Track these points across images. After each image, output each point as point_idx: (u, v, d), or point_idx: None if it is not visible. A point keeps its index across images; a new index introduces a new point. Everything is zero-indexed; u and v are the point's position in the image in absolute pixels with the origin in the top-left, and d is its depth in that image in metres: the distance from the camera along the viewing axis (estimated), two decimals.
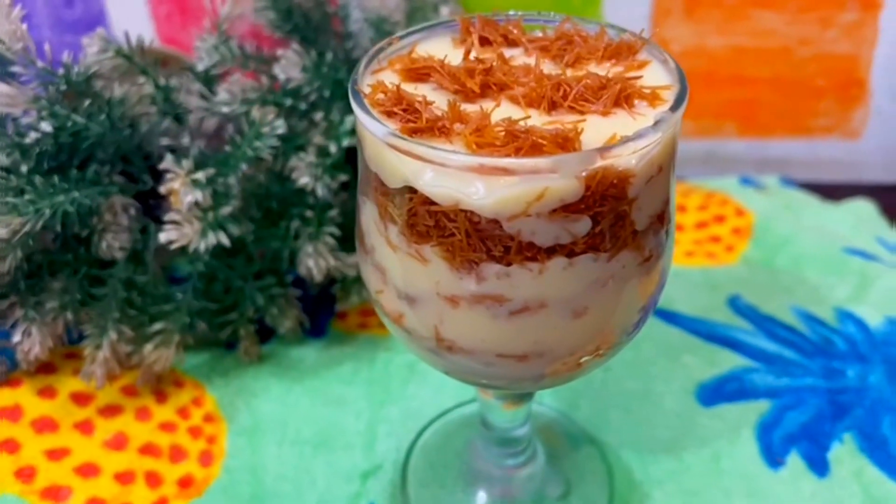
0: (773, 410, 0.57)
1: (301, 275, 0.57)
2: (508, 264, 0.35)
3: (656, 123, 0.34)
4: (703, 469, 0.54)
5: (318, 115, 0.55)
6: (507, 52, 0.42)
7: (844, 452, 0.54)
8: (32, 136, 0.52)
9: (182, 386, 0.59)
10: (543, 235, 0.34)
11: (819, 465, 0.53)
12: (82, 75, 0.53)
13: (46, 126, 0.51)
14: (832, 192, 0.81)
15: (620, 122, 0.36)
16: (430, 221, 0.36)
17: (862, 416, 0.56)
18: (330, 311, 0.67)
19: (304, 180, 0.54)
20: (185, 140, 0.59)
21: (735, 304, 0.65)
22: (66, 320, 0.56)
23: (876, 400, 0.57)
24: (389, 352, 0.62)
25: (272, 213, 0.59)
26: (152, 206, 0.59)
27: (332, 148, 0.54)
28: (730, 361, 0.60)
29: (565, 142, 0.34)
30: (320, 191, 0.55)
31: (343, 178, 0.56)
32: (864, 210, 0.77)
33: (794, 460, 0.54)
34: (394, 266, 0.39)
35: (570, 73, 0.39)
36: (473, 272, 0.36)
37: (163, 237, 0.50)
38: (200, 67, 0.57)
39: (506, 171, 0.33)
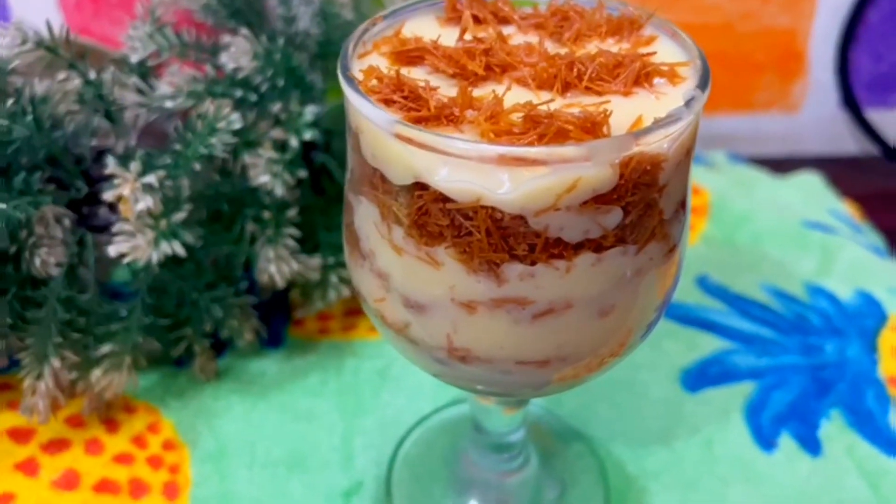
0: (758, 392, 0.56)
1: (260, 282, 0.53)
2: (533, 263, 0.32)
3: (688, 103, 0.32)
4: (697, 457, 0.52)
5: (276, 107, 0.50)
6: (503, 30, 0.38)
7: (834, 429, 0.53)
8: None
9: (134, 412, 0.53)
10: (572, 230, 0.31)
11: (811, 445, 0.52)
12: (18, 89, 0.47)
13: None
14: (775, 166, 0.81)
15: (644, 103, 0.33)
16: (443, 221, 0.32)
17: (845, 390, 0.55)
18: (284, 318, 0.62)
19: (262, 178, 0.49)
20: (120, 140, 0.53)
21: (704, 284, 0.64)
22: None
23: (857, 374, 0.56)
24: (357, 358, 0.58)
25: (222, 216, 0.54)
26: (86, 215, 0.53)
27: (293, 142, 0.50)
28: (709, 344, 0.59)
29: (593, 126, 0.30)
30: (279, 189, 0.50)
31: (302, 174, 0.52)
32: (811, 183, 0.77)
33: (786, 441, 0.53)
34: (399, 272, 0.35)
35: (571, 51, 0.36)
36: (493, 274, 0.32)
37: (112, 250, 0.45)
38: (134, 58, 0.52)
39: (535, 162, 0.29)
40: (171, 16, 0.56)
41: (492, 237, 0.32)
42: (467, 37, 0.37)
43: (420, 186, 0.32)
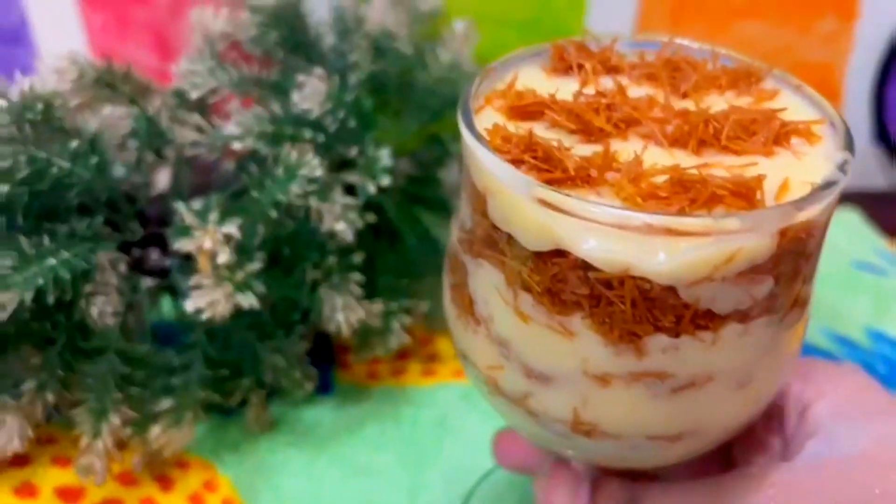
0: None
1: (327, 330, 0.50)
2: (677, 335, 0.30)
3: (842, 167, 0.30)
4: None
5: (353, 151, 0.48)
6: (605, 81, 0.36)
7: None
8: (5, 188, 0.42)
9: (187, 467, 0.50)
10: (724, 301, 0.30)
11: None
12: (60, 109, 0.44)
13: (22, 173, 0.42)
14: None
15: (787, 164, 0.31)
16: (582, 290, 0.30)
17: None
18: (330, 362, 0.59)
19: (339, 226, 0.46)
20: (172, 177, 0.50)
21: None
22: (45, 402, 0.46)
23: None
24: (412, 406, 0.56)
25: (283, 259, 0.51)
26: (138, 259, 0.50)
27: (371, 188, 0.47)
28: None
29: (748, 192, 0.29)
30: (349, 236, 0.48)
31: (370, 218, 0.50)
32: (852, 221, 0.76)
33: None
34: (522, 340, 0.33)
35: (698, 107, 0.35)
36: (634, 347, 0.31)
37: (189, 305, 0.42)
38: (194, 95, 0.49)
39: (699, 234, 0.28)
40: (226, 48, 0.54)
41: (637, 308, 0.30)
42: (588, 90, 0.35)
43: (558, 253, 0.30)
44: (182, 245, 0.42)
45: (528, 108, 0.34)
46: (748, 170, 0.30)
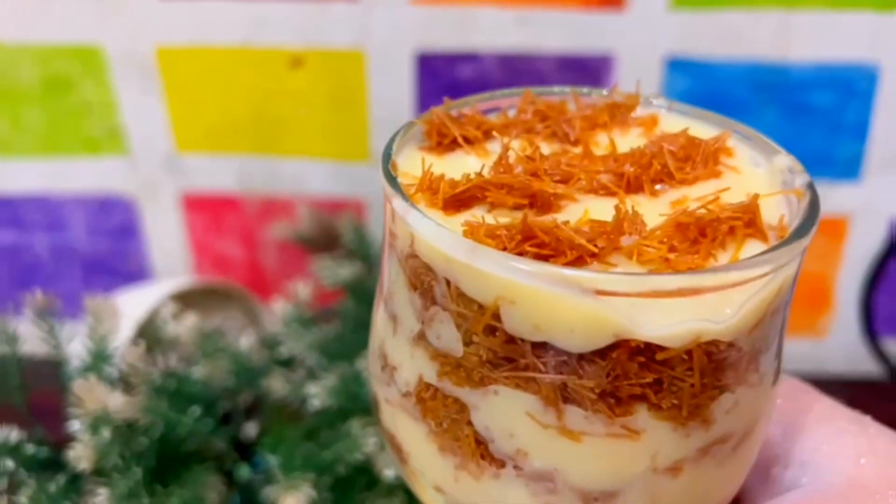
0: None
1: None
2: (735, 390, 0.29)
3: (792, 168, 0.33)
4: None
5: None
6: (492, 147, 0.34)
7: None
8: (142, 442, 0.56)
9: None
10: (769, 336, 0.30)
11: None
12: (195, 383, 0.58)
13: (157, 431, 0.56)
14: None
15: (740, 181, 0.33)
16: (647, 377, 0.27)
17: None
18: None
19: (388, 472, 0.59)
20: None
21: None
22: None
23: None
24: None
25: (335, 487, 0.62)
26: (228, 472, 0.64)
27: None
28: None
29: (754, 217, 0.29)
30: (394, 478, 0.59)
31: None
32: None
33: None
34: (576, 463, 0.29)
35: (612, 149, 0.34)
36: (701, 419, 0.29)
37: None
38: (285, 353, 0.63)
39: (761, 276, 0.27)
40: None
41: (705, 376, 0.28)
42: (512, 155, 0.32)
43: (612, 347, 0.27)
44: (270, 493, 0.55)
45: (464, 196, 0.30)
46: (724, 195, 0.30)
